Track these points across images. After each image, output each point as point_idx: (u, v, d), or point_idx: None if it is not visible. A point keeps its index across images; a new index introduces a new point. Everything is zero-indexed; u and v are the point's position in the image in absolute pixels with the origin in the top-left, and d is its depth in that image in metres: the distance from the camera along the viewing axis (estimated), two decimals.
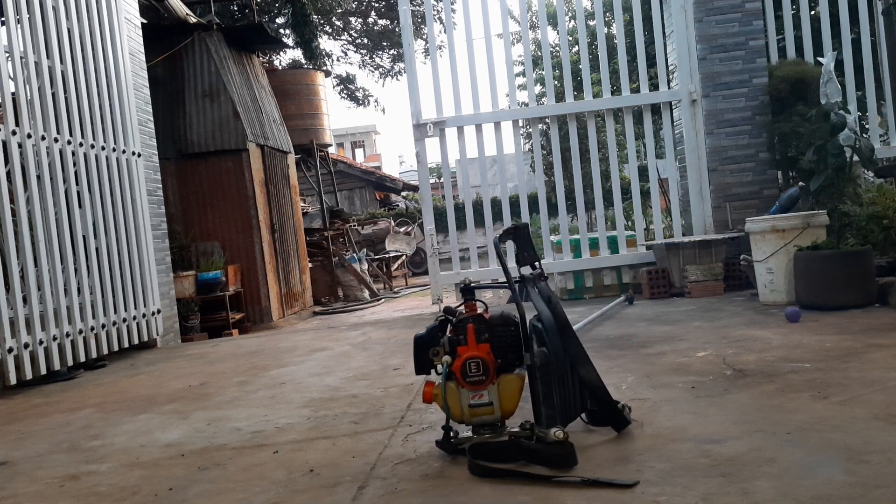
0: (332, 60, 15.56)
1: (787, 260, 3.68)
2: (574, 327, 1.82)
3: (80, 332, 3.84)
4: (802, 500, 1.26)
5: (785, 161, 4.86)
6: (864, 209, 3.86)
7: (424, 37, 12.69)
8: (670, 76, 5.29)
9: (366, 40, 15.95)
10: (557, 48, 11.75)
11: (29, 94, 3.70)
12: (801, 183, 4.55)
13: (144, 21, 5.59)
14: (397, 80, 16.55)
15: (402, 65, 14.90)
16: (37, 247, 3.60)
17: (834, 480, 1.34)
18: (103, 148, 4.28)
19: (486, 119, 5.23)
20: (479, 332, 1.67)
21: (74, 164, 4.00)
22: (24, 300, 3.50)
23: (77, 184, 4.01)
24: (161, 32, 7.13)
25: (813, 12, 5.61)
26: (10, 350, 3.33)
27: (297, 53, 13.26)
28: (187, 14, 7.77)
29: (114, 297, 4.19)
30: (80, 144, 4.06)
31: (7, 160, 3.48)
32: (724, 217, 4.94)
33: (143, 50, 5.08)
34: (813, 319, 3.18)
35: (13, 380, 3.34)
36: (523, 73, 8.86)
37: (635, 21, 5.17)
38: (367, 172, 18.50)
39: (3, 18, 3.71)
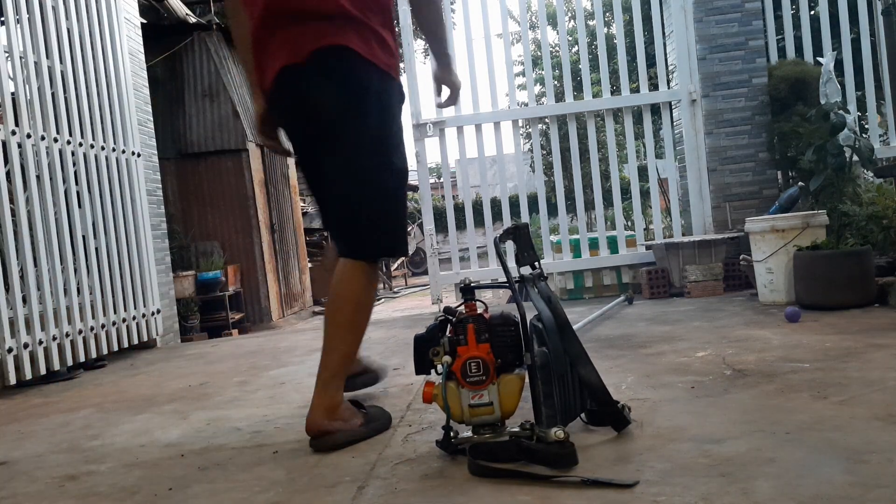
0: None
1: (787, 260, 3.68)
2: (574, 327, 1.82)
3: (80, 332, 3.84)
4: (802, 499, 1.26)
5: (785, 161, 4.86)
6: (864, 209, 3.86)
7: (424, 36, 12.67)
8: (670, 76, 5.29)
9: None
10: (557, 48, 11.75)
11: (28, 94, 3.70)
12: (800, 183, 4.55)
13: (144, 21, 5.59)
14: None
15: (401, 65, 14.89)
16: (36, 247, 3.60)
17: (834, 480, 1.34)
18: (103, 148, 4.28)
19: (485, 119, 5.23)
20: (479, 332, 1.66)
21: (74, 164, 4.00)
22: (24, 300, 3.50)
23: (77, 184, 4.01)
24: (161, 32, 7.14)
25: (812, 12, 5.61)
26: (10, 350, 3.33)
27: None
28: (187, 14, 7.77)
29: (113, 297, 4.19)
30: (80, 144, 4.06)
31: (7, 160, 3.48)
32: (724, 217, 4.94)
33: (142, 50, 5.08)
34: (813, 319, 3.18)
35: (13, 380, 3.34)
36: (523, 73, 8.85)
37: (635, 21, 5.17)
38: None
39: (2, 18, 3.71)
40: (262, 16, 1.86)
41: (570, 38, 9.83)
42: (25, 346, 3.42)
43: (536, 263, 1.88)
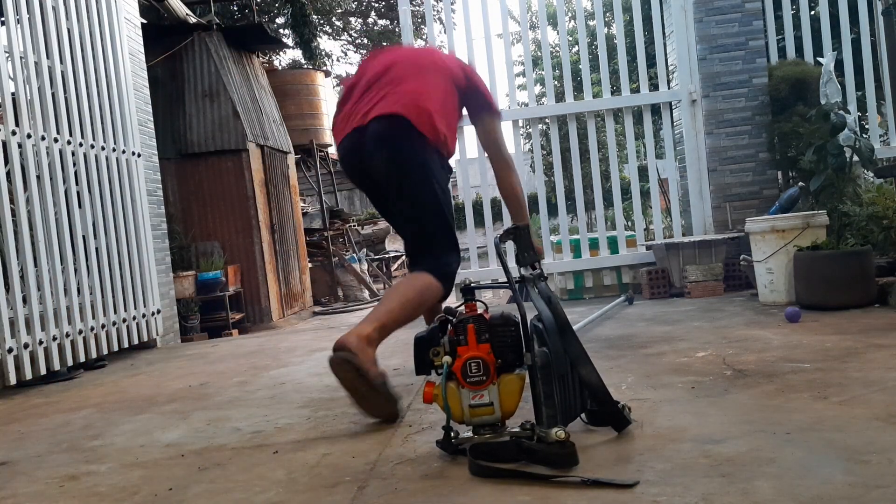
0: (332, 60, 15.60)
1: (787, 260, 3.68)
2: (574, 327, 1.82)
3: (80, 332, 3.84)
4: (802, 500, 1.26)
5: (785, 161, 4.86)
6: (864, 209, 3.85)
7: (424, 37, 12.68)
8: (670, 76, 5.29)
9: (366, 40, 15.96)
10: (557, 48, 11.75)
11: (29, 95, 3.70)
12: (800, 183, 4.55)
13: (144, 21, 5.60)
14: None
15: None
16: (37, 247, 3.60)
17: (834, 480, 1.34)
18: (103, 148, 4.28)
19: None
20: (479, 333, 1.66)
21: (74, 165, 4.00)
22: (24, 300, 3.50)
23: (77, 184, 4.01)
24: (161, 32, 7.14)
25: (813, 12, 5.61)
26: (10, 350, 3.33)
27: (296, 53, 13.28)
28: (187, 14, 7.78)
29: (114, 297, 4.19)
30: (80, 144, 4.06)
31: (7, 160, 3.48)
32: (724, 217, 4.94)
33: (142, 50, 5.08)
34: (813, 319, 3.18)
35: (13, 380, 3.34)
36: (523, 74, 8.86)
37: (635, 21, 5.17)
38: None
39: (2, 18, 3.71)
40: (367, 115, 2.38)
41: (571, 39, 9.83)
42: (26, 346, 3.42)
43: (537, 264, 1.88)
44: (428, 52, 2.68)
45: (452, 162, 2.61)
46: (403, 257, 12.34)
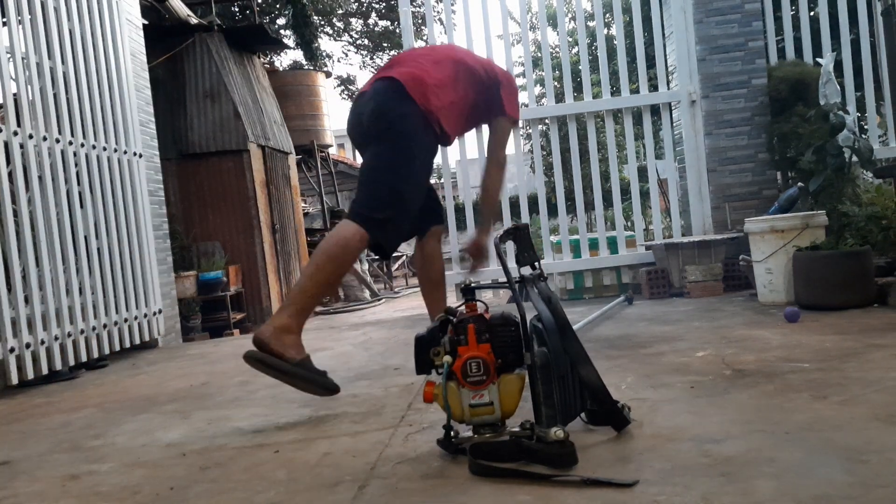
0: (333, 61, 15.62)
1: (787, 260, 3.68)
2: (574, 327, 1.82)
3: (82, 332, 3.85)
4: (802, 499, 1.27)
5: (784, 161, 4.86)
6: (863, 209, 3.86)
7: (425, 38, 12.67)
8: (670, 77, 5.29)
9: (366, 41, 15.97)
10: (557, 49, 11.76)
11: (30, 95, 3.71)
12: (800, 183, 4.55)
13: (145, 22, 5.60)
14: None
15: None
16: (38, 247, 3.61)
17: (834, 480, 1.34)
18: (105, 148, 4.29)
19: None
20: (479, 332, 1.67)
21: (76, 165, 4.00)
22: (26, 300, 3.51)
23: (78, 184, 4.02)
24: (162, 33, 7.15)
25: (812, 13, 5.62)
26: (12, 350, 3.34)
27: (297, 54, 13.28)
28: (188, 15, 7.78)
29: (115, 297, 4.20)
30: (82, 145, 4.07)
31: (9, 161, 3.49)
32: (724, 217, 4.95)
33: (144, 51, 5.09)
34: (812, 319, 3.19)
35: (15, 380, 3.35)
36: (523, 74, 8.85)
37: (635, 22, 5.17)
38: None
39: (4, 19, 3.72)
40: None
41: (570, 39, 9.83)
42: (28, 345, 3.43)
43: (536, 264, 1.89)
44: (446, 47, 2.93)
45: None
46: (403, 257, 12.35)
